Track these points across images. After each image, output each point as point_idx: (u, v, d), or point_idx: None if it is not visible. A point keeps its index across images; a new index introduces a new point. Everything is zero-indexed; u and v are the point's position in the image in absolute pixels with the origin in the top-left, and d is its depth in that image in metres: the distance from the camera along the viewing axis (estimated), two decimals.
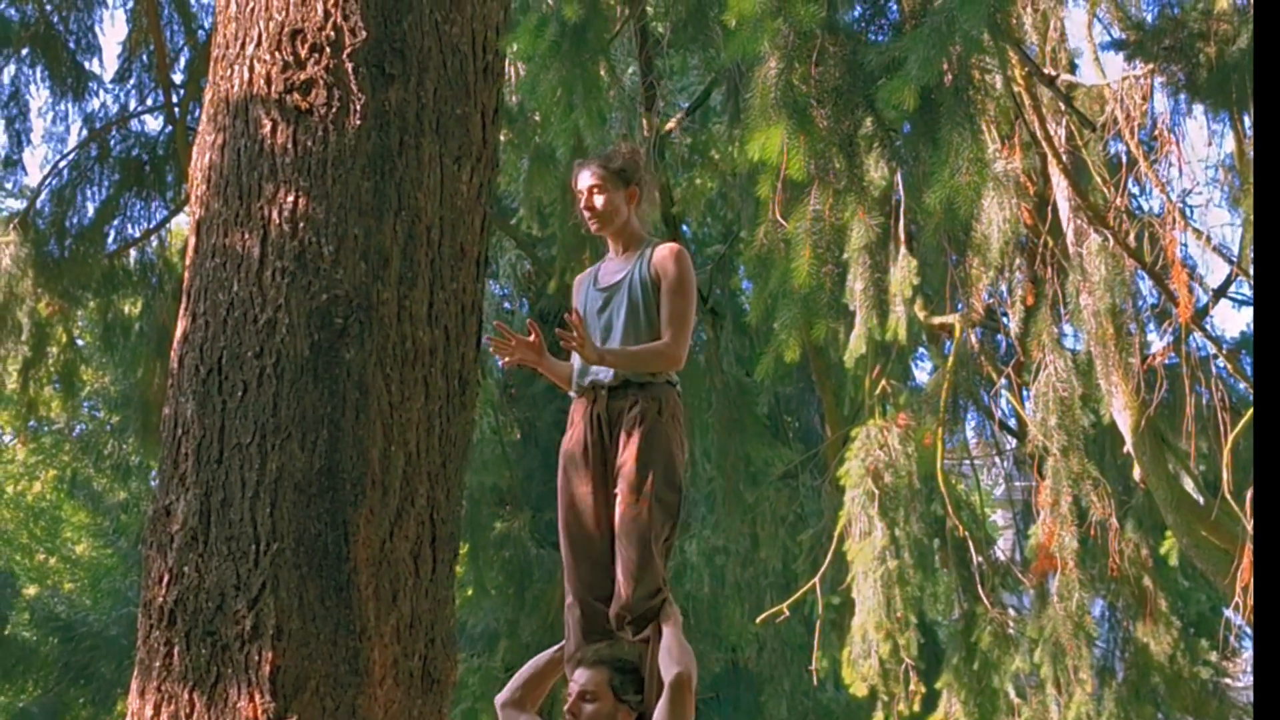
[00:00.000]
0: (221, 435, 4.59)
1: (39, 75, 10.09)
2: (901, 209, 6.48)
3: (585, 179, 4.74)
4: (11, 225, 10.05)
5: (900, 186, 5.93)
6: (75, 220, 10.20)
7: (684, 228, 9.53)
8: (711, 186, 8.69)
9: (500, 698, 4.45)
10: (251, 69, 4.94)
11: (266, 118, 4.85)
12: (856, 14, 5.66)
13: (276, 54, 4.90)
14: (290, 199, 4.73)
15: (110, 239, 10.40)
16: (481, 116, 5.15)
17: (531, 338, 4.58)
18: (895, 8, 5.67)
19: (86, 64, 10.27)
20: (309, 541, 4.44)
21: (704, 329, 10.03)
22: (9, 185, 17.96)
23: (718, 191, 9.14)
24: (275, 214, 4.71)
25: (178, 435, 4.69)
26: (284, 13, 4.94)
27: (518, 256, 13.51)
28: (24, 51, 9.90)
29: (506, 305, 14.64)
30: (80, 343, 11.52)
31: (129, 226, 10.50)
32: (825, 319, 5.56)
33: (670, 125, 8.15)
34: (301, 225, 4.70)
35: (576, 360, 4.68)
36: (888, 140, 5.26)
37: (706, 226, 11.73)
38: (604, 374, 4.61)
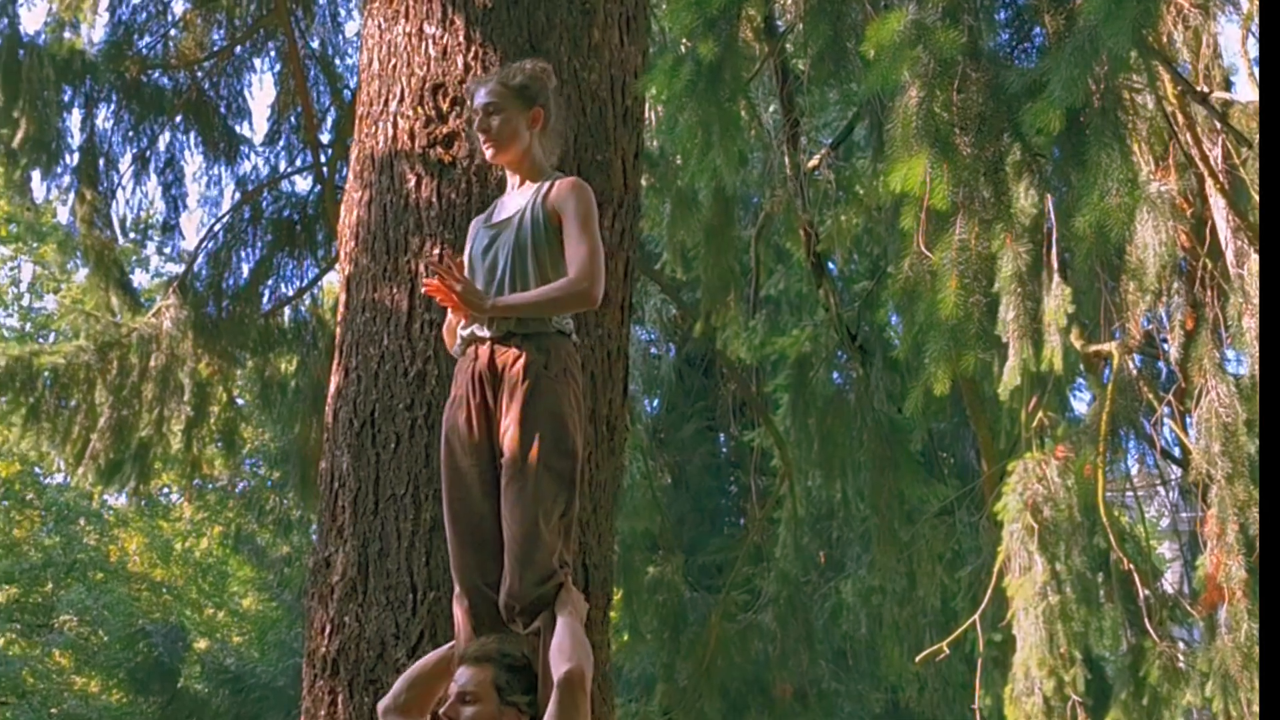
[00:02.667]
0: (376, 487, 4.63)
1: (193, 141, 10.35)
2: (1053, 236, 6.35)
3: (480, 97, 4.29)
4: (171, 289, 10.29)
5: (1051, 212, 5.80)
6: (231, 282, 10.41)
7: (830, 265, 9.44)
8: (857, 222, 8.60)
9: (382, 703, 4.00)
10: (395, 125, 5.00)
11: (411, 172, 4.90)
12: (1004, 39, 5.56)
13: (419, 109, 4.96)
14: (436, 251, 4.77)
15: (265, 299, 10.59)
16: (622, 162, 5.15)
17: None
18: (1040, 31, 5.56)
19: (237, 128, 10.51)
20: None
21: (854, 366, 9.92)
22: (167, 250, 18.47)
23: (864, 227, 9.05)
24: (422, 267, 4.75)
25: (334, 488, 4.75)
26: (425, 68, 5.00)
27: (662, 301, 13.51)
28: (178, 119, 10.15)
29: (653, 350, 14.65)
30: (240, 401, 11.73)
31: (282, 286, 10.69)
32: (974, 350, 5.41)
33: (813, 162, 8.09)
34: None
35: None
36: (1035, 165, 5.14)
37: (853, 263, 11.63)
38: (484, 323, 4.11)
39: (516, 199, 4.28)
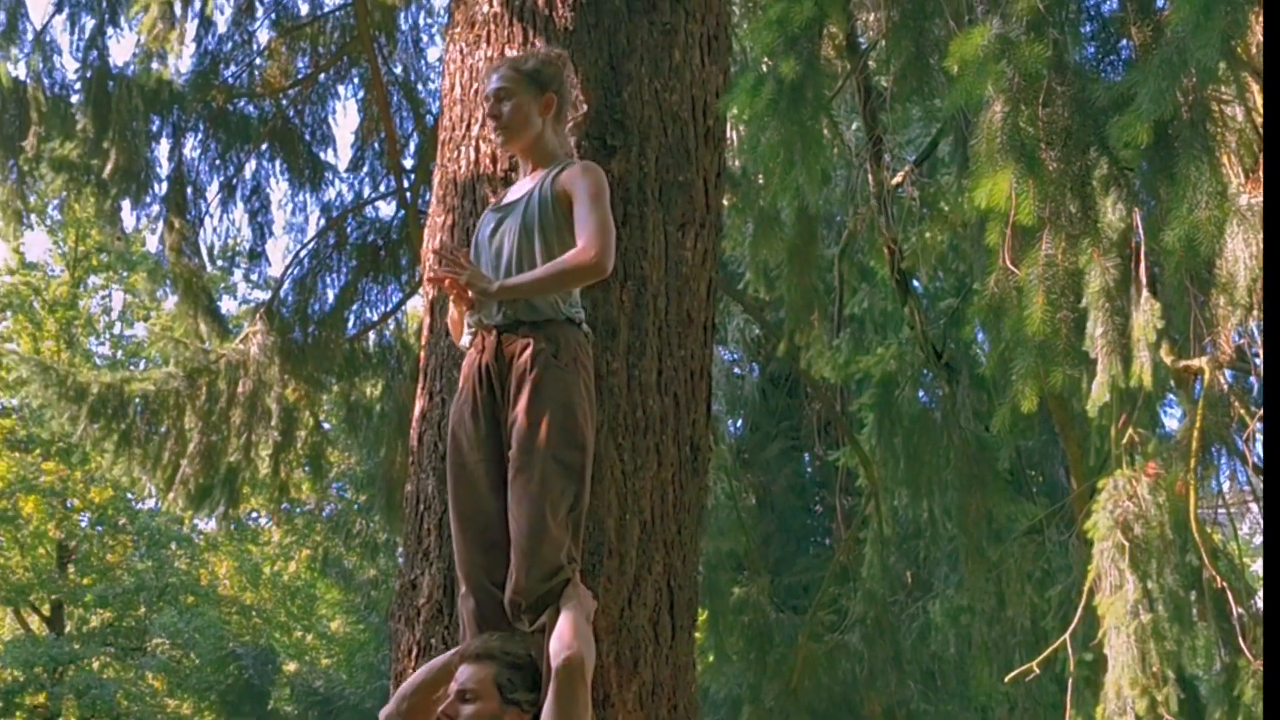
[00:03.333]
0: None
1: (278, 168, 10.46)
2: (1141, 250, 6.26)
3: (492, 82, 4.24)
4: (258, 315, 10.41)
5: (1139, 226, 5.72)
6: (316, 307, 10.50)
7: (915, 283, 9.37)
8: (942, 239, 8.52)
9: (385, 711, 3.89)
10: (477, 149, 5.02)
11: (493, 196, 4.92)
12: (1089, 52, 5.49)
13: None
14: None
15: (350, 324, 10.68)
16: (704, 182, 5.13)
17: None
18: (1126, 43, 5.49)
19: (322, 155, 10.62)
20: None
21: (940, 384, 9.84)
22: (254, 276, 18.76)
23: (949, 244, 8.97)
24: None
25: (420, 511, 4.76)
26: None
27: (745, 321, 13.49)
28: (264, 146, 10.27)
29: (736, 370, 14.62)
30: (326, 425, 11.83)
31: (367, 310, 10.78)
32: (1062, 367, 5.33)
33: (898, 179, 8.03)
34: None
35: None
36: (1122, 179, 5.06)
37: (939, 281, 11.54)
38: (492, 311, 4.02)
39: (525, 183, 4.23)
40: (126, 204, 9.95)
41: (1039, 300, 5.08)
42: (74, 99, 9.36)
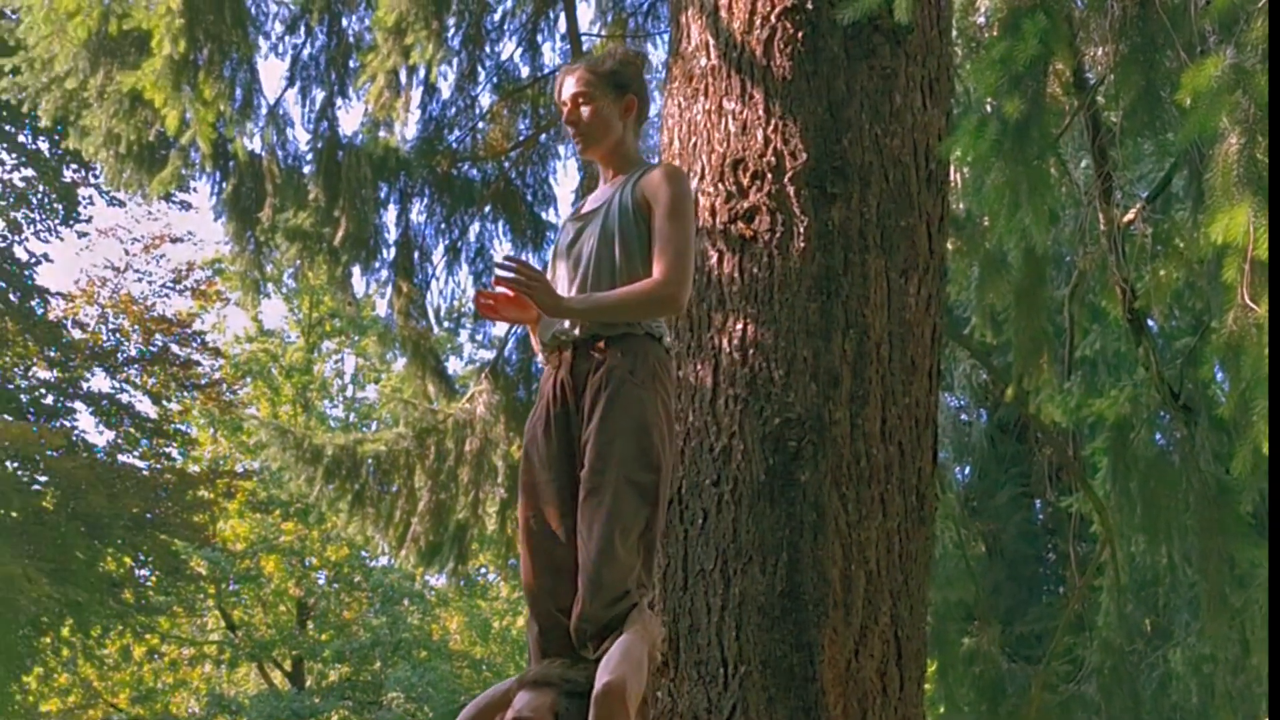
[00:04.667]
0: (685, 563, 4.63)
1: (501, 229, 10.63)
2: None
3: (569, 86, 4.02)
4: (483, 374, 10.56)
5: None
6: (539, 365, 10.60)
7: (1150, 322, 9.09)
8: (1177, 277, 8.25)
9: None
10: (697, 203, 5.03)
11: (713, 249, 4.92)
12: None
13: (720, 185, 4.98)
14: (739, 327, 4.77)
15: None
16: (927, 227, 5.07)
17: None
18: None
19: (543, 214, 10.75)
20: (775, 663, 4.41)
21: (1177, 426, 9.52)
22: (479, 336, 19.05)
23: (1184, 281, 8.69)
24: (725, 343, 4.76)
25: None
26: (725, 144, 5.02)
27: (972, 366, 13.25)
28: (487, 209, 10.45)
29: (963, 417, 14.37)
30: None
31: None
32: None
33: (1129, 216, 7.80)
34: (751, 352, 4.73)
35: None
36: None
37: (1174, 319, 11.19)
38: (568, 325, 3.83)
39: (605, 190, 4.05)
40: (356, 270, 10.19)
41: None
42: (306, 169, 9.65)
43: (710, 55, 5.18)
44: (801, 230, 4.82)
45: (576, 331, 3.85)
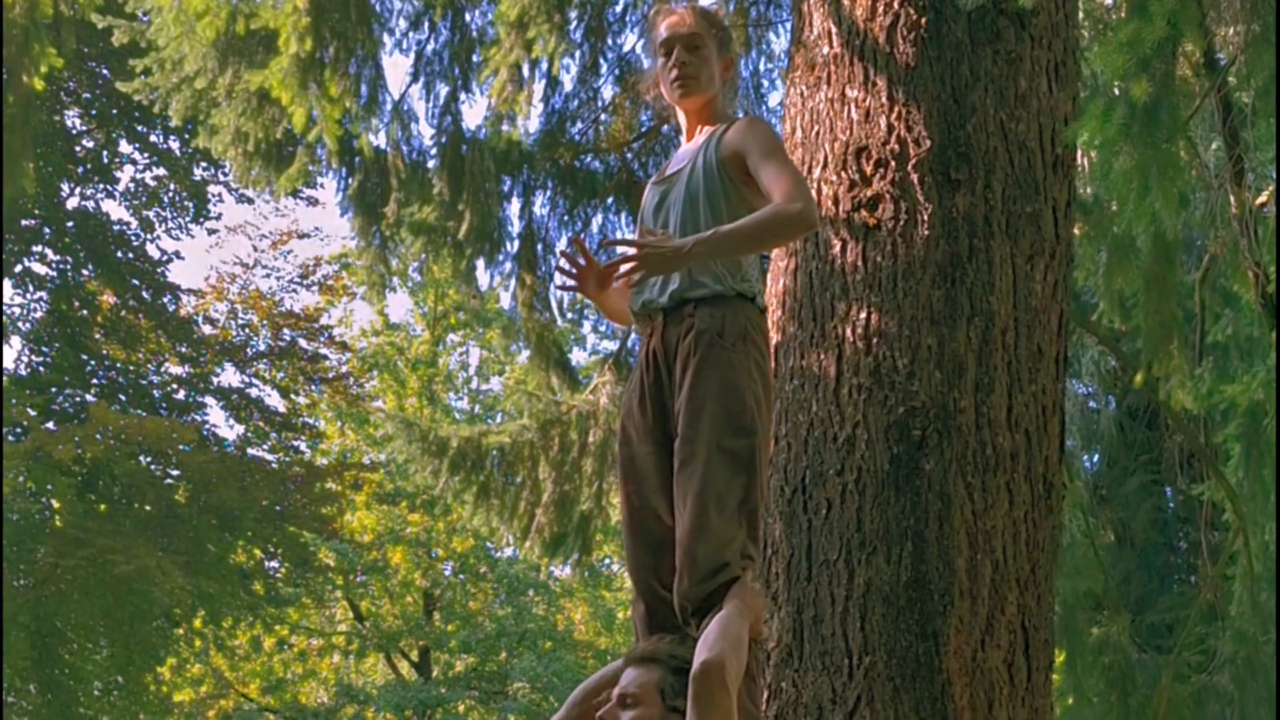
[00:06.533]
0: (809, 553, 4.63)
1: (623, 221, 10.64)
2: None
3: (678, 26, 3.81)
4: (606, 365, 10.60)
5: None
6: None
7: None
8: None
9: (554, 718, 3.67)
10: (819, 191, 5.02)
11: (836, 237, 4.91)
12: None
13: (843, 173, 4.97)
14: (863, 315, 4.76)
15: None
16: (1053, 212, 5.02)
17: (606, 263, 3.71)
18: None
19: None
20: (900, 653, 4.40)
21: None
22: (602, 328, 19.17)
23: None
24: (849, 331, 4.75)
25: (768, 555, 4.77)
26: (848, 132, 5.01)
27: (1100, 353, 13.05)
28: (609, 200, 10.49)
29: (1092, 404, 14.16)
30: None
31: None
32: None
33: (1262, 199, 7.65)
34: (875, 340, 4.72)
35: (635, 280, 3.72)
36: None
37: None
38: (655, 292, 3.69)
39: (687, 150, 3.91)
40: (481, 263, 10.25)
41: None
42: (430, 164, 9.74)
43: (833, 43, 5.17)
44: (925, 217, 4.80)
45: (665, 299, 3.72)
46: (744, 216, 3.65)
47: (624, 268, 3.59)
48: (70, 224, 19.89)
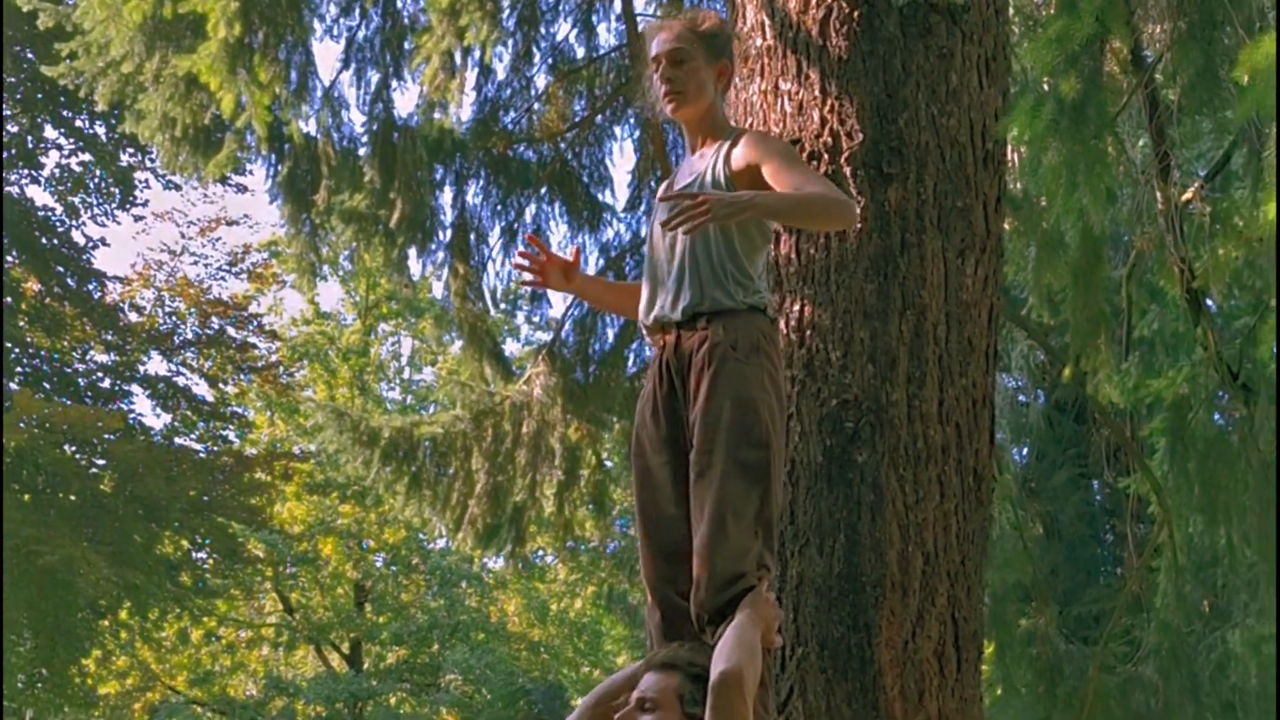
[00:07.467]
0: None
1: (557, 211, 10.63)
2: None
3: (663, 43, 3.84)
4: (540, 356, 10.58)
5: None
6: (597, 347, 10.61)
7: (1208, 302, 9.01)
8: (1237, 256, 8.17)
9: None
10: None
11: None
12: None
13: None
14: (796, 307, 4.76)
15: (630, 362, 10.76)
16: (984, 207, 5.04)
17: (570, 258, 3.81)
18: None
19: (600, 196, 10.74)
20: (833, 645, 4.42)
21: (1236, 406, 9.44)
22: (536, 318, 19.15)
23: (1243, 260, 8.60)
24: (782, 324, 4.75)
25: None
26: (781, 124, 5.01)
27: (1029, 347, 13.18)
28: (543, 190, 10.46)
29: (1021, 398, 14.30)
30: (609, 464, 11.96)
31: (646, 349, 10.80)
32: None
33: (1188, 195, 7.73)
34: (809, 333, 4.72)
35: (645, 293, 3.82)
36: None
37: (1233, 299, 11.09)
38: (667, 307, 3.74)
39: (696, 164, 3.92)
40: (413, 252, 10.21)
41: None
42: (361, 152, 9.67)
43: (766, 35, 5.17)
44: (858, 211, 4.82)
45: (678, 315, 3.75)
46: (753, 230, 3.75)
47: (682, 220, 3.49)
48: None
